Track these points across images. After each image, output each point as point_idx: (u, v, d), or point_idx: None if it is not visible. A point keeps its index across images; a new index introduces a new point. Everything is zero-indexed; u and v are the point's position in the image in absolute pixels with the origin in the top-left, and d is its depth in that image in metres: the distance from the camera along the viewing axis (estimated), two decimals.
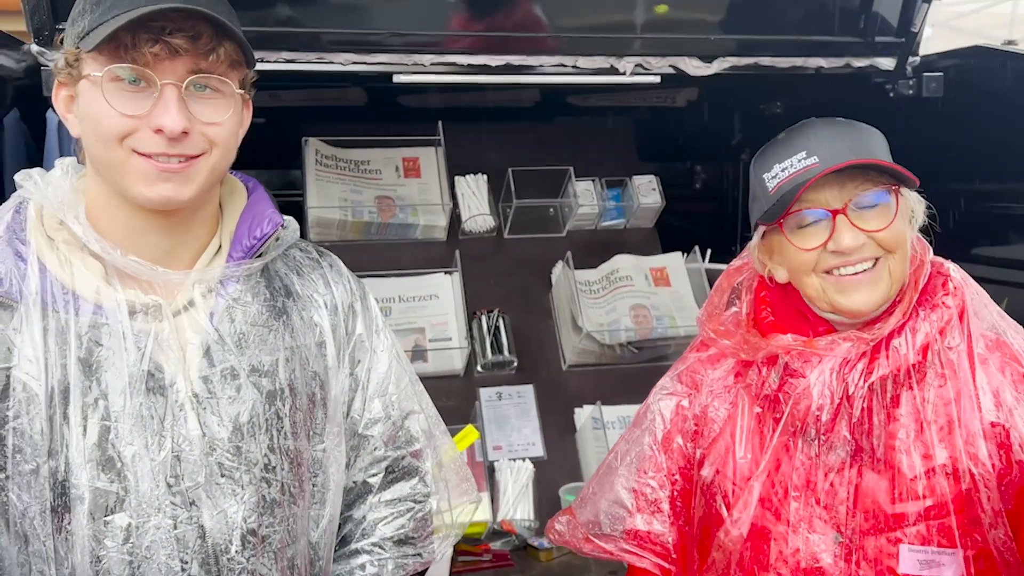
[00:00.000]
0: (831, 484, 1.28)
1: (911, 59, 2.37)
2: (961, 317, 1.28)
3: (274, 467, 1.13)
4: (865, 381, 1.25)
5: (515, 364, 2.44)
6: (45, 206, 1.10)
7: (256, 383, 1.13)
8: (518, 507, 2.26)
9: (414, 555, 1.29)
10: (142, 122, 1.05)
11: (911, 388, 1.26)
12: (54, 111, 1.22)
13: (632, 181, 2.69)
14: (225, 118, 1.10)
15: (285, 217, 1.23)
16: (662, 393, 1.47)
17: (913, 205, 1.33)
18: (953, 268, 1.34)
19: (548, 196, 2.61)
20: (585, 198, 2.62)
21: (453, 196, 2.58)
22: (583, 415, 2.41)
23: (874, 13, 2.36)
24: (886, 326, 1.27)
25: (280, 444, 1.14)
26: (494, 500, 2.26)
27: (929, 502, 1.24)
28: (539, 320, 2.54)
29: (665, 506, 1.41)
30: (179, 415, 1.08)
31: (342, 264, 1.32)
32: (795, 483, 1.30)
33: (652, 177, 2.71)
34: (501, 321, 2.44)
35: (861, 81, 2.44)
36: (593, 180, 2.66)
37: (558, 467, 2.37)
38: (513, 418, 2.40)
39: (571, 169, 2.59)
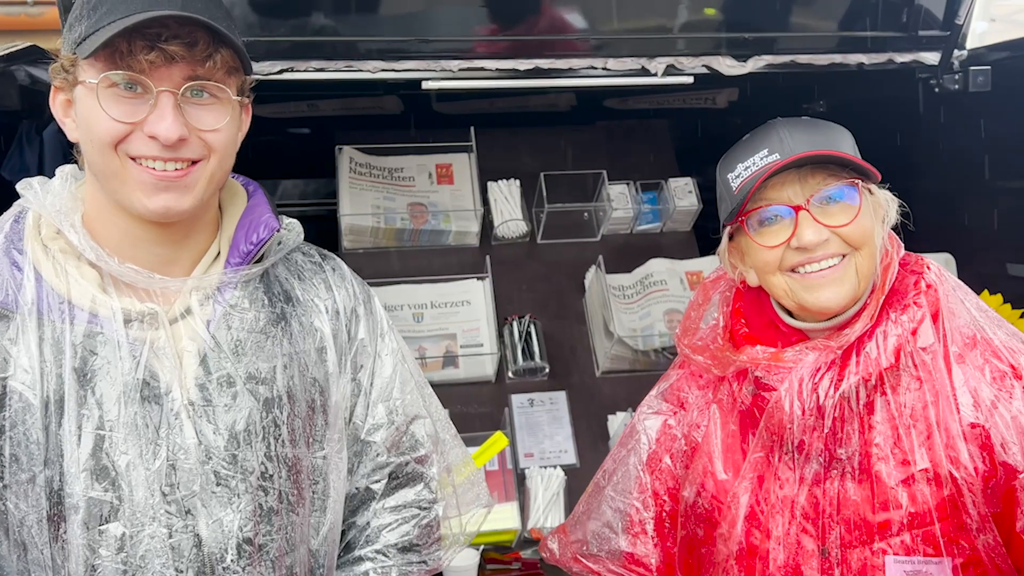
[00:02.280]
0: (813, 497, 1.24)
1: (957, 53, 2.28)
2: (936, 316, 1.23)
3: (271, 475, 1.13)
4: (836, 390, 1.21)
5: (547, 370, 2.41)
6: (43, 215, 1.11)
7: (253, 391, 1.13)
8: (549, 515, 2.23)
9: (419, 562, 1.28)
10: (136, 128, 1.05)
11: (885, 394, 1.22)
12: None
13: (668, 184, 2.64)
14: (223, 124, 1.10)
15: (288, 220, 1.22)
16: (647, 412, 1.45)
17: (884, 203, 1.30)
18: (929, 263, 1.28)
19: (582, 200, 2.58)
20: (619, 202, 2.58)
21: (485, 202, 2.57)
22: (616, 422, 2.36)
23: (917, 6, 2.28)
24: (853, 331, 1.23)
25: (278, 452, 1.13)
26: (524, 508, 2.23)
27: (912, 510, 1.19)
28: (572, 326, 2.51)
29: (650, 527, 1.40)
30: (174, 423, 1.08)
31: (346, 267, 1.30)
32: (778, 498, 1.26)
33: (689, 179, 2.66)
34: (532, 327, 2.42)
35: (905, 77, 2.37)
36: (628, 183, 2.62)
37: (591, 475, 2.30)
38: (545, 425, 2.37)
39: (604, 173, 2.56)
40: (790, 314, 1.33)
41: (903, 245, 1.32)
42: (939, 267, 1.30)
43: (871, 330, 1.23)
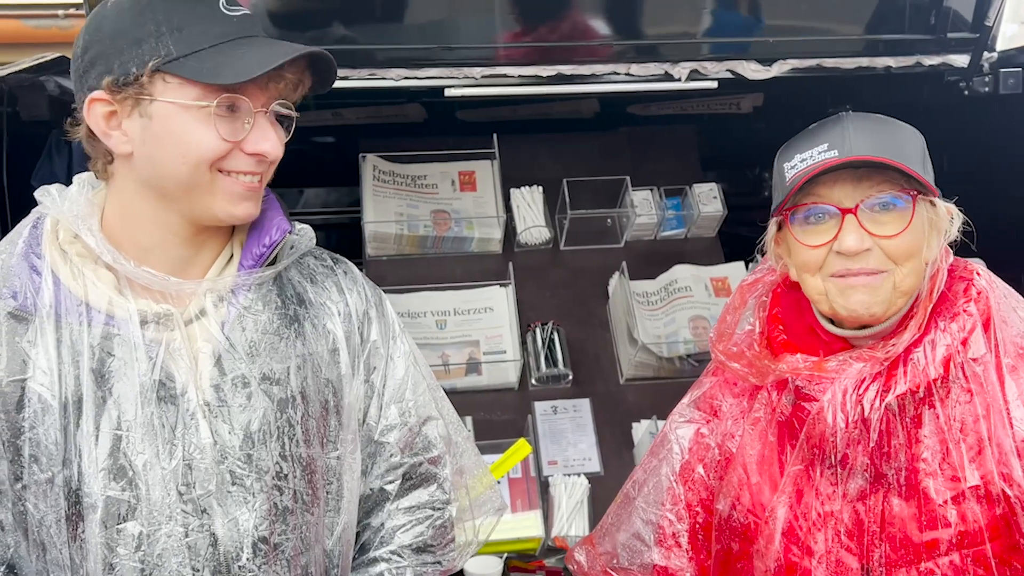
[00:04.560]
0: (855, 513, 1.19)
1: (987, 55, 2.25)
2: (987, 325, 1.18)
3: (286, 475, 1.14)
4: (882, 402, 1.16)
5: (570, 377, 2.40)
6: (60, 220, 1.13)
7: (267, 391, 1.14)
8: (572, 523, 2.21)
9: (433, 563, 1.28)
10: (237, 146, 1.10)
11: (933, 406, 1.16)
12: None
13: (692, 189, 2.63)
14: (287, 139, 1.15)
15: (300, 225, 1.24)
16: (679, 420, 1.40)
17: (945, 216, 1.24)
18: (979, 269, 1.24)
19: (605, 206, 2.57)
20: (643, 208, 2.57)
21: (508, 208, 2.57)
22: (640, 430, 2.34)
23: (946, 8, 2.25)
24: (900, 341, 1.17)
25: (292, 452, 1.14)
26: (548, 516, 2.21)
27: (961, 529, 1.13)
28: (596, 333, 2.49)
29: (684, 540, 1.35)
30: (190, 423, 1.10)
31: (357, 271, 1.32)
32: (819, 513, 1.21)
33: (713, 185, 2.64)
34: (556, 334, 2.41)
35: (933, 80, 2.33)
36: (652, 189, 2.61)
37: (615, 483, 2.28)
38: (569, 432, 2.35)
39: (628, 179, 2.55)
40: (831, 321, 1.28)
41: (952, 252, 1.27)
42: (989, 273, 1.25)
43: (919, 339, 1.18)
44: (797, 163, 1.22)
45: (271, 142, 1.11)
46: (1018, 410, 1.14)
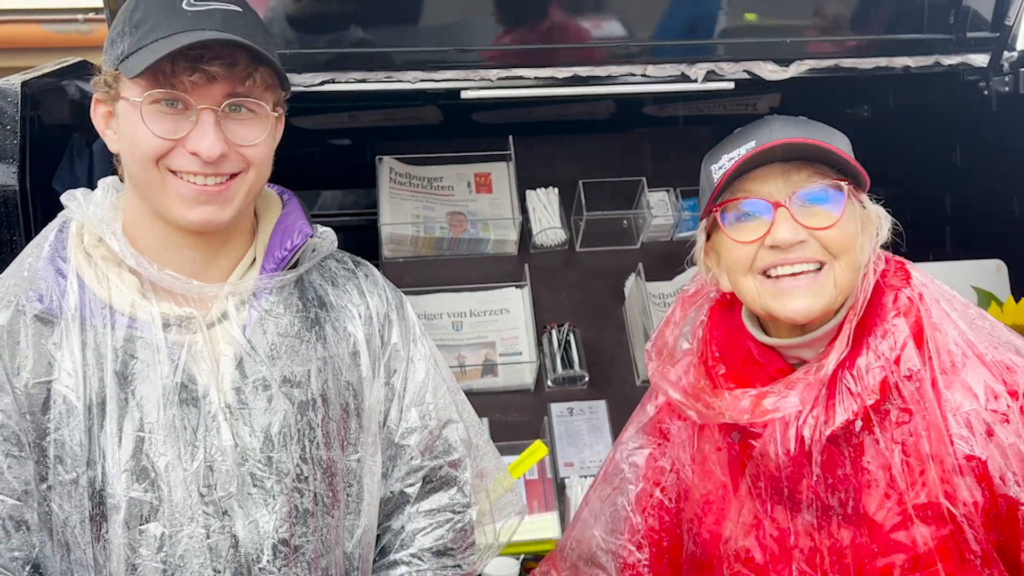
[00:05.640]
0: (812, 547, 1.16)
1: (1007, 54, 2.23)
2: (919, 337, 1.13)
3: (306, 477, 1.14)
4: (821, 434, 1.13)
5: (586, 379, 2.40)
6: (85, 224, 1.14)
7: (288, 394, 1.14)
8: None
9: (453, 566, 1.28)
10: (179, 144, 1.08)
11: (873, 432, 1.13)
12: None
13: None
14: (261, 139, 1.13)
15: (322, 228, 1.25)
16: (630, 447, 1.38)
17: (876, 218, 1.20)
18: (912, 270, 1.19)
19: (621, 208, 2.57)
20: (659, 209, 2.56)
21: (524, 210, 2.57)
22: None
23: (965, 7, 2.23)
24: (829, 362, 1.13)
25: (312, 454, 1.15)
26: (564, 518, 2.21)
27: (913, 553, 1.11)
28: (612, 334, 2.49)
29: (645, 570, 1.34)
30: (212, 426, 1.10)
31: (378, 274, 1.32)
32: (777, 548, 1.19)
33: None
34: (572, 335, 2.41)
35: (952, 80, 2.31)
36: (668, 190, 2.60)
37: None
38: (585, 434, 2.35)
39: (644, 180, 2.54)
40: (764, 329, 1.25)
41: (883, 258, 1.22)
42: (923, 275, 1.20)
43: (851, 361, 1.13)
44: (724, 162, 1.20)
45: (207, 141, 1.07)
46: (956, 426, 1.10)
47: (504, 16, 2.20)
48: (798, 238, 1.14)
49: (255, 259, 1.19)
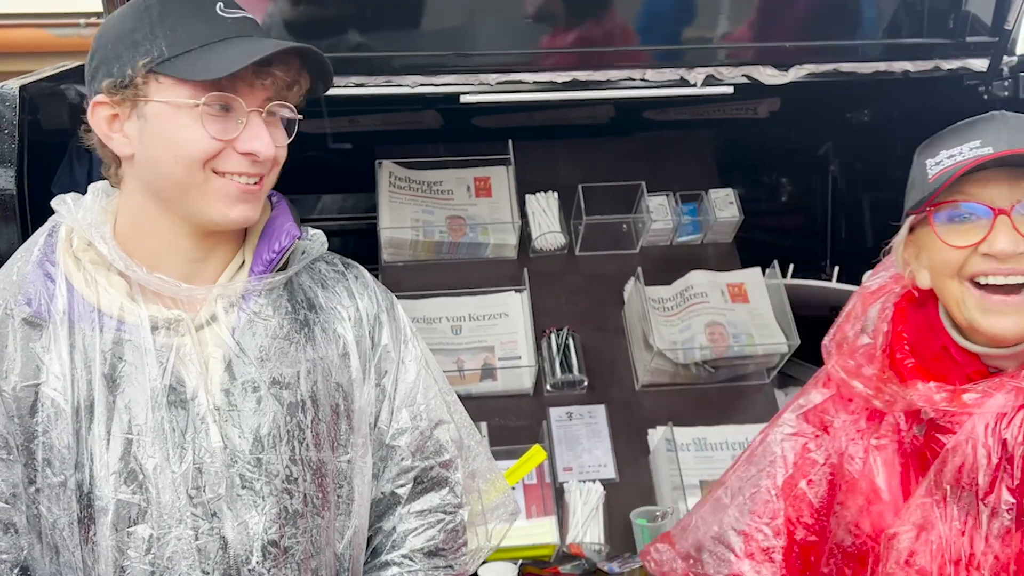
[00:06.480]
0: (995, 556, 1.11)
1: (1006, 59, 2.23)
2: None
3: (296, 478, 1.14)
4: None
5: (585, 383, 2.40)
6: (75, 228, 1.15)
7: (277, 395, 1.15)
8: (588, 530, 2.20)
9: (445, 567, 1.28)
10: (228, 145, 1.10)
11: None
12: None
13: (708, 195, 2.62)
14: (287, 141, 1.16)
15: (312, 230, 1.25)
16: (784, 432, 1.32)
17: None
18: None
19: (621, 212, 2.57)
20: (659, 213, 2.56)
21: (524, 214, 2.57)
22: (656, 436, 2.33)
23: (964, 12, 2.23)
24: None
25: (302, 455, 1.15)
26: (563, 523, 2.21)
27: None
28: (611, 339, 2.49)
29: (778, 556, 1.28)
30: (200, 427, 1.11)
31: (368, 276, 1.32)
32: (954, 552, 1.13)
33: (729, 190, 2.63)
34: (571, 339, 2.40)
35: (952, 84, 2.31)
36: (667, 195, 2.60)
37: (630, 490, 2.30)
38: (584, 439, 2.35)
39: (643, 184, 2.54)
40: (962, 333, 1.18)
41: None
42: None
43: None
44: (944, 159, 1.13)
45: (263, 141, 1.10)
46: None
47: (504, 21, 2.21)
48: (1017, 249, 1.08)
49: (244, 262, 1.19)
